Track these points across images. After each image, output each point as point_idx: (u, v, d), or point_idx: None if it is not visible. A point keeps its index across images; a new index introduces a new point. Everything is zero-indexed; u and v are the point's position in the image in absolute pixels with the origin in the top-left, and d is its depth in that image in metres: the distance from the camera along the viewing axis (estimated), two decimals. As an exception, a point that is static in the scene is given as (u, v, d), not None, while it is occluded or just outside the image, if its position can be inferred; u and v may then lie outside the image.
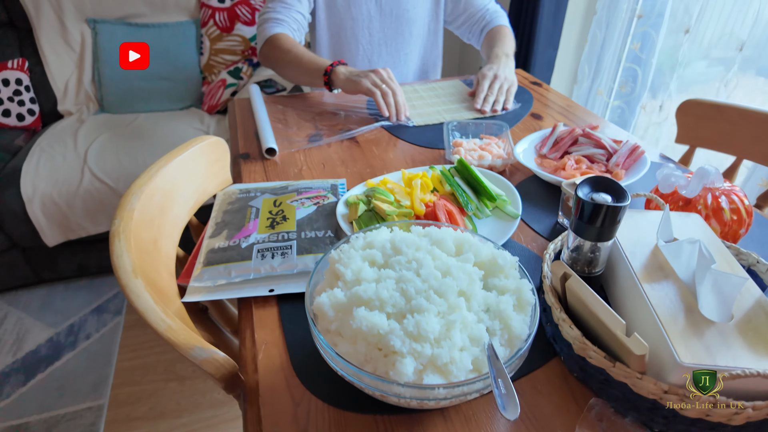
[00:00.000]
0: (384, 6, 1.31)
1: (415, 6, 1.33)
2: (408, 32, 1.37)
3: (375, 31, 1.34)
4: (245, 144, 0.98)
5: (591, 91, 1.93)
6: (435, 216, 0.68)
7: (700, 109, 0.97)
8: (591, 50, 1.87)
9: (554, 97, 1.22)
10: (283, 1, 1.22)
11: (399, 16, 1.33)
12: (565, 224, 0.73)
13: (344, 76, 1.06)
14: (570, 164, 0.82)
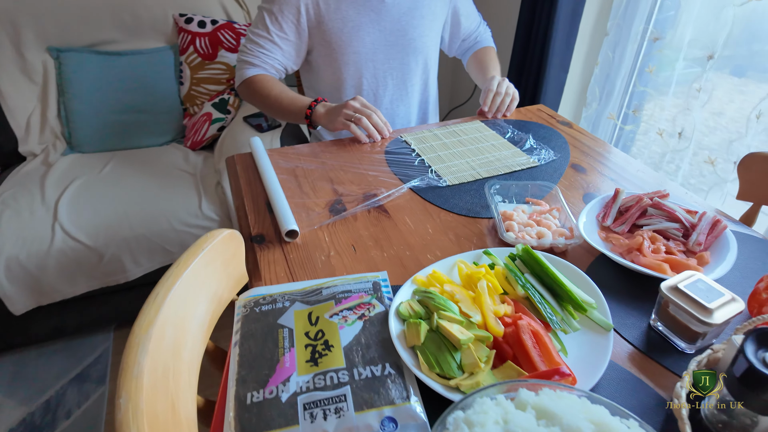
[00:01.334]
0: (389, 36, 1.19)
1: (422, 35, 1.22)
2: (414, 62, 1.25)
3: (380, 63, 1.22)
4: (257, 220, 0.83)
5: (600, 114, 1.84)
6: (518, 340, 0.55)
7: (766, 164, 0.87)
8: (601, 72, 1.78)
9: (590, 141, 1.11)
10: (263, 46, 1.16)
11: (405, 46, 1.21)
12: (659, 330, 0.61)
13: (323, 115, 1.09)
14: (647, 246, 0.71)
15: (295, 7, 1.12)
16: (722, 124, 1.50)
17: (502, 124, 1.16)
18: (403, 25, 1.19)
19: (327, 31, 1.15)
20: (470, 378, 0.52)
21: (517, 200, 0.87)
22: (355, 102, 1.05)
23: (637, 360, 0.59)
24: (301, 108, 1.10)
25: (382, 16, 1.16)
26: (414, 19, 1.19)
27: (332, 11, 1.13)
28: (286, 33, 1.14)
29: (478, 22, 1.37)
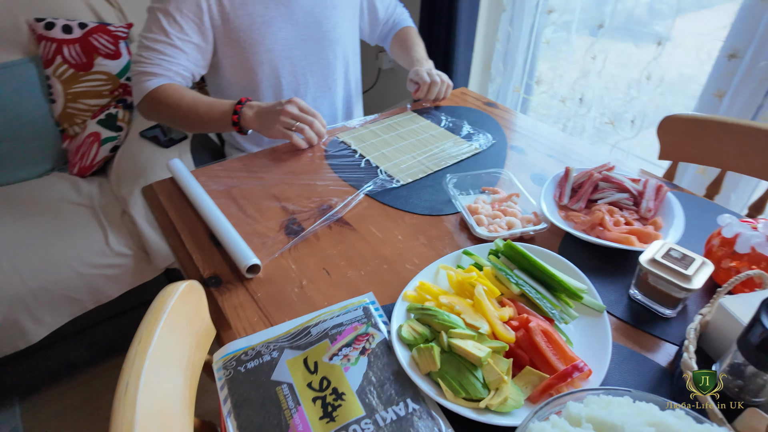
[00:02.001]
0: (303, 30, 1.10)
1: (336, 26, 1.15)
2: (333, 54, 1.18)
3: (297, 60, 1.13)
4: (204, 259, 0.73)
5: (506, 88, 1.92)
6: (532, 343, 0.54)
7: (682, 124, 0.96)
8: (502, 47, 1.85)
9: (518, 120, 1.14)
10: (162, 52, 1.00)
11: (321, 39, 1.14)
12: (639, 300, 0.65)
13: (253, 118, 0.96)
14: (609, 220, 0.74)
15: (196, 5, 0.98)
16: (617, 86, 1.64)
17: (434, 112, 1.15)
18: (316, 17, 1.11)
19: (234, 30, 1.03)
20: (498, 395, 0.50)
21: (473, 191, 0.87)
22: (292, 107, 0.94)
23: (630, 334, 0.61)
24: (224, 113, 0.98)
25: (292, 9, 1.07)
26: (326, 10, 1.12)
27: (237, 7, 1.02)
28: (188, 34, 1.00)
29: (395, 5, 1.33)
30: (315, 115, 0.97)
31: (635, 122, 1.58)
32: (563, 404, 0.42)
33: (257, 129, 0.97)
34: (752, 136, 0.89)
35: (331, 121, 1.26)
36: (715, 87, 1.31)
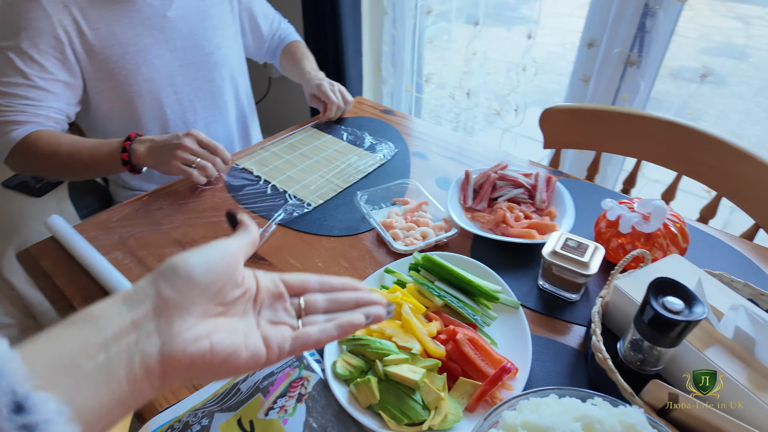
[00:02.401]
0: (183, 54, 1.03)
1: (219, 46, 1.09)
2: (219, 76, 1.12)
3: (181, 86, 1.06)
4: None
5: (398, 89, 1.97)
6: (461, 354, 0.56)
7: (559, 115, 1.06)
8: (389, 49, 1.89)
9: (416, 125, 1.18)
10: (24, 97, 0.88)
11: (204, 62, 1.07)
12: (548, 289, 0.70)
13: (146, 154, 0.87)
14: (510, 216, 0.80)
15: (52, 36, 0.87)
16: (498, 77, 1.76)
17: (334, 126, 1.14)
18: (196, 40, 1.04)
19: (104, 62, 0.94)
20: (438, 414, 0.52)
21: (385, 204, 0.88)
22: (191, 140, 0.86)
23: (544, 323, 0.66)
24: (111, 153, 0.87)
25: (168, 33, 0.99)
26: (206, 31, 1.05)
27: (104, 37, 0.92)
28: (52, 72, 0.88)
29: (279, 20, 1.29)
30: (217, 149, 0.90)
31: (519, 110, 1.71)
32: (499, 415, 0.45)
33: (151, 165, 0.88)
34: (618, 120, 1.01)
35: (228, 145, 1.20)
36: (581, 73, 1.46)
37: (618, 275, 0.62)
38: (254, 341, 0.35)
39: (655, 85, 1.37)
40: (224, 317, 0.35)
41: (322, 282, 0.42)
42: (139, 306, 0.31)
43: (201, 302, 0.33)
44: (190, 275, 0.33)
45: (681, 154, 0.96)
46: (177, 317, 0.32)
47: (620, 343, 0.56)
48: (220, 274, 0.34)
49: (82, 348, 0.28)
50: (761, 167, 0.84)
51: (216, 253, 0.35)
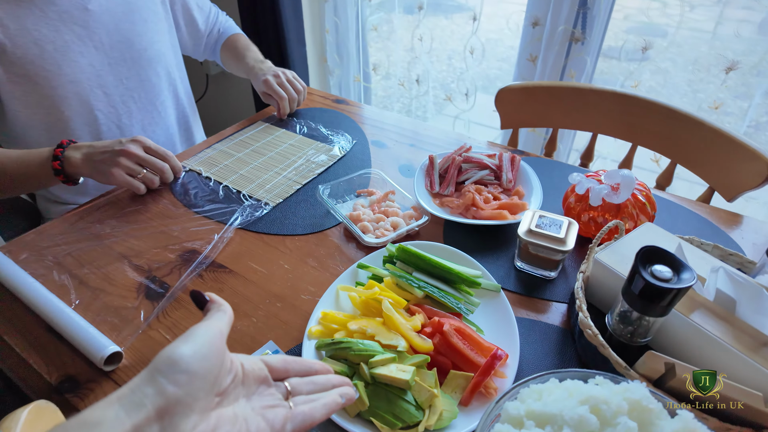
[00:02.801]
0: (112, 51, 0.93)
1: (152, 42, 1.00)
2: (155, 74, 1.03)
3: (112, 87, 0.96)
4: (46, 361, 0.57)
5: (346, 78, 1.92)
6: (450, 346, 0.53)
7: (513, 94, 1.05)
8: (333, 38, 1.83)
9: (370, 113, 1.13)
10: None
11: (137, 59, 0.98)
12: (525, 269, 0.69)
13: (83, 162, 0.78)
14: (479, 199, 0.78)
15: None
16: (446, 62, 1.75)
17: (287, 119, 1.08)
18: (125, 35, 0.94)
19: (18, 63, 0.82)
20: (433, 413, 0.48)
21: (349, 196, 0.83)
22: (135, 146, 0.79)
23: (525, 303, 0.65)
24: (41, 164, 0.78)
25: (92, 29, 0.89)
26: (135, 26, 0.96)
27: (15, 34, 0.81)
28: None
29: (216, 12, 1.20)
30: (167, 157, 0.82)
31: (468, 94, 1.71)
32: (501, 407, 0.42)
33: (89, 175, 0.79)
34: (571, 95, 1.01)
35: (170, 148, 1.11)
36: (527, 52, 1.47)
37: (596, 248, 0.62)
38: (257, 427, 0.35)
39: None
40: (221, 408, 0.34)
41: (300, 364, 0.43)
42: (138, 409, 0.29)
43: (202, 396, 0.31)
44: (189, 368, 0.31)
45: (633, 125, 0.98)
46: (181, 417, 0.30)
47: (608, 316, 0.55)
48: (214, 362, 0.33)
49: None
50: (711, 132, 0.87)
51: (206, 339, 0.33)
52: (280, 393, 0.39)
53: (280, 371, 0.41)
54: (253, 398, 0.37)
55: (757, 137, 1.71)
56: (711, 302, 0.52)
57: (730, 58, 1.23)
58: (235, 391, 0.36)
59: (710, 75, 1.33)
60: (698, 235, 0.75)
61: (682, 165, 0.93)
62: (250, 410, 0.36)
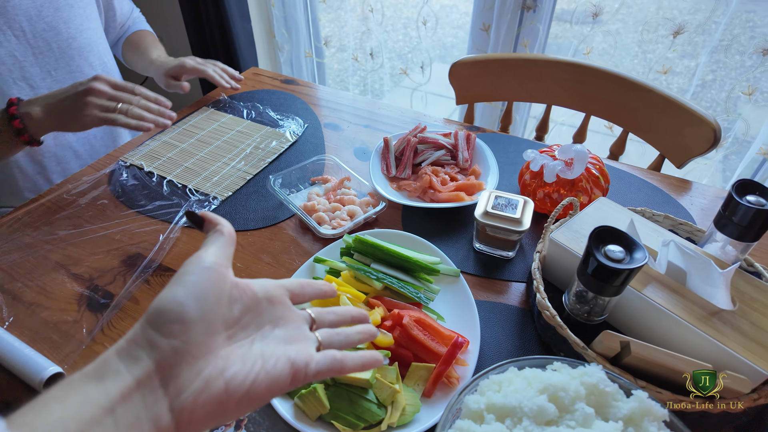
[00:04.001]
0: (35, 40, 0.84)
1: (81, 29, 0.91)
2: (86, 63, 0.94)
3: (38, 80, 0.87)
4: (-22, 388, 0.53)
5: (297, 55, 1.84)
6: (411, 338, 0.52)
7: (467, 68, 1.03)
8: (279, 12, 1.74)
9: (322, 93, 1.09)
10: None
11: (65, 48, 0.89)
12: (484, 251, 0.69)
13: (46, 115, 0.71)
14: (436, 181, 0.76)
15: None
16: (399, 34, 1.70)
17: (233, 103, 1.02)
18: (49, 23, 0.85)
19: None
20: (395, 409, 0.48)
21: (303, 185, 0.80)
22: (100, 84, 0.73)
23: (485, 285, 0.65)
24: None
25: (10, 16, 0.80)
26: (60, 11, 0.86)
27: None
28: None
29: (132, 7, 1.09)
30: (134, 89, 0.76)
31: (424, 66, 1.67)
32: (461, 401, 0.42)
33: (56, 126, 0.73)
34: (523, 66, 1.00)
35: (109, 144, 1.02)
36: (480, 22, 1.44)
37: (551, 227, 0.62)
38: (274, 365, 0.31)
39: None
40: (234, 342, 0.31)
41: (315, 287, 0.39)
42: (137, 362, 0.27)
43: (204, 339, 0.29)
44: (181, 316, 0.28)
45: (586, 94, 0.98)
46: (183, 366, 0.28)
47: (565, 296, 0.55)
48: (213, 299, 0.30)
49: (88, 414, 0.25)
50: (661, 99, 0.88)
51: (198, 277, 0.30)
52: (304, 321, 0.36)
53: (298, 295, 0.37)
54: (278, 327, 0.34)
55: (704, 96, 1.77)
56: (663, 275, 0.53)
57: (677, 22, 1.24)
58: (253, 321, 0.33)
59: (659, 36, 1.35)
60: (650, 204, 0.76)
61: (634, 133, 0.95)
62: (272, 343, 0.33)
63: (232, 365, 0.29)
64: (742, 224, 0.52)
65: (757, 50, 1.20)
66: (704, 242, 0.59)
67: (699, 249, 0.57)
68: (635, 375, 0.47)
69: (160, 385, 0.27)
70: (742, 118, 1.35)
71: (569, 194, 0.69)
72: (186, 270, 0.30)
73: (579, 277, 0.50)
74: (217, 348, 0.30)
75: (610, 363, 0.49)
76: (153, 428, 0.26)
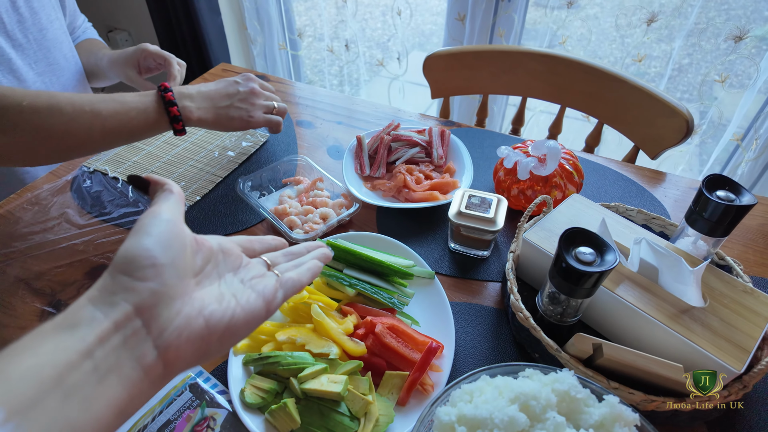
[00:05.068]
0: (12, 32, 0.79)
1: (51, 19, 0.85)
2: (60, 55, 0.88)
3: (23, 72, 0.82)
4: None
5: (270, 47, 1.79)
6: (383, 346, 0.51)
7: (441, 61, 1.01)
8: (252, 4, 1.69)
9: (297, 90, 1.06)
10: None
11: (40, 40, 0.83)
12: (459, 251, 0.68)
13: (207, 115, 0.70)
14: (410, 180, 0.75)
15: None
16: (381, 20, 1.67)
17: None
18: (23, 14, 0.79)
19: None
20: (368, 421, 0.47)
21: (274, 187, 0.78)
22: (257, 84, 0.77)
23: (460, 286, 0.64)
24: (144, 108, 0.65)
25: None
26: (32, 2, 0.81)
27: None
28: None
29: (79, 14, 1.01)
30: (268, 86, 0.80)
31: (401, 57, 1.65)
32: (433, 413, 0.41)
33: (218, 127, 0.73)
34: (498, 58, 0.99)
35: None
36: (455, 11, 1.42)
37: (524, 226, 0.61)
38: (247, 299, 0.33)
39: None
40: (203, 288, 0.32)
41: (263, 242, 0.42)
42: (114, 306, 0.27)
43: (176, 282, 0.30)
44: (153, 260, 0.29)
45: (561, 86, 0.97)
46: (162, 306, 0.28)
47: (538, 297, 0.54)
48: (177, 248, 0.31)
49: (64, 358, 0.24)
50: (634, 90, 0.88)
51: (161, 227, 0.31)
52: (261, 265, 0.38)
53: (248, 250, 0.40)
54: (240, 272, 0.36)
55: (680, 80, 1.78)
56: (635, 273, 0.53)
57: (653, 6, 1.24)
58: (214, 270, 0.35)
59: (636, 19, 1.35)
60: (625, 197, 0.76)
61: (608, 124, 0.94)
62: (239, 283, 0.35)
63: (208, 305, 0.31)
64: (712, 220, 0.52)
65: (730, 37, 1.20)
66: (676, 237, 0.59)
67: (671, 245, 0.57)
68: (608, 376, 0.47)
69: (143, 325, 0.27)
70: (717, 104, 1.36)
71: (543, 190, 0.68)
72: (145, 223, 0.31)
73: (551, 279, 0.49)
74: (190, 291, 0.31)
75: (584, 365, 0.48)
76: (137, 367, 0.27)
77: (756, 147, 1.23)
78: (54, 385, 0.23)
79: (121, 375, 0.26)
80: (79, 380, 0.24)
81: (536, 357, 0.53)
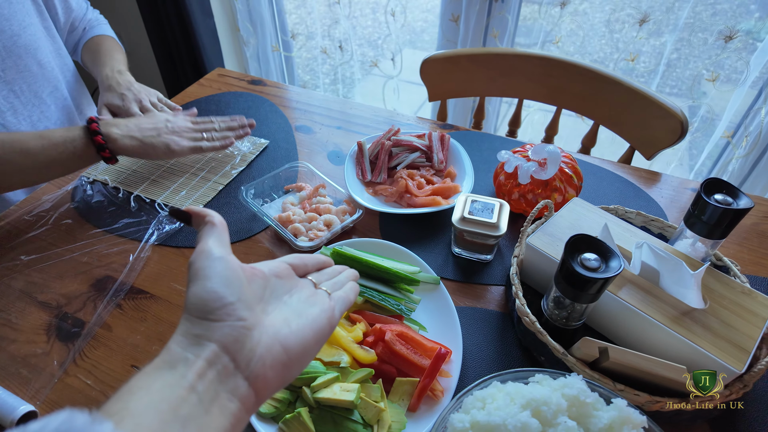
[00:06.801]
0: None
1: (23, 25, 0.85)
2: (34, 62, 0.88)
3: None
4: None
5: (263, 49, 1.79)
6: (393, 354, 0.52)
7: (438, 64, 1.01)
8: (243, 6, 1.68)
9: (293, 94, 1.06)
10: None
11: (10, 47, 0.83)
12: (463, 255, 0.69)
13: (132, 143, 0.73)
14: (412, 185, 0.75)
15: None
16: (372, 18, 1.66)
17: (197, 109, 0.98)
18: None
19: None
20: (381, 427, 0.48)
21: (276, 194, 0.78)
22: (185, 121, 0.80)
23: (465, 290, 0.65)
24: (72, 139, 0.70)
25: None
26: (1, 8, 0.81)
27: None
28: None
29: (85, 9, 1.02)
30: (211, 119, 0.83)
31: (395, 59, 1.65)
32: (447, 420, 0.42)
33: (143, 156, 0.75)
34: (494, 61, 0.99)
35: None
36: (449, 12, 1.43)
37: (528, 230, 0.62)
38: (313, 318, 0.35)
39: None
40: (269, 314, 0.34)
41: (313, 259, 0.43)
42: (201, 347, 0.29)
43: (248, 314, 0.31)
44: (221, 300, 0.31)
45: (556, 88, 0.98)
46: (243, 339, 0.30)
47: (544, 301, 0.55)
48: (237, 282, 0.32)
49: (174, 394, 0.27)
50: (629, 91, 0.89)
51: (217, 268, 0.32)
52: (310, 284, 0.40)
53: (299, 267, 0.41)
54: (294, 294, 0.38)
55: (670, 75, 1.80)
56: (637, 276, 0.54)
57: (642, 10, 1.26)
58: (272, 295, 0.36)
59: (626, 15, 1.36)
60: (622, 198, 0.77)
61: (604, 125, 0.96)
62: (298, 304, 0.37)
63: (280, 329, 0.33)
64: (711, 222, 0.53)
65: (720, 37, 1.22)
66: (675, 239, 0.60)
67: (670, 248, 0.58)
68: (614, 378, 0.48)
69: (230, 360, 0.29)
70: (707, 101, 1.38)
71: (544, 194, 0.69)
72: (201, 265, 0.32)
73: (556, 285, 0.50)
74: (261, 320, 0.32)
75: (590, 368, 0.50)
76: (234, 399, 0.29)
77: (746, 144, 1.26)
78: (172, 417, 0.26)
79: (222, 406, 0.28)
80: (190, 412, 0.27)
81: (542, 360, 0.54)
